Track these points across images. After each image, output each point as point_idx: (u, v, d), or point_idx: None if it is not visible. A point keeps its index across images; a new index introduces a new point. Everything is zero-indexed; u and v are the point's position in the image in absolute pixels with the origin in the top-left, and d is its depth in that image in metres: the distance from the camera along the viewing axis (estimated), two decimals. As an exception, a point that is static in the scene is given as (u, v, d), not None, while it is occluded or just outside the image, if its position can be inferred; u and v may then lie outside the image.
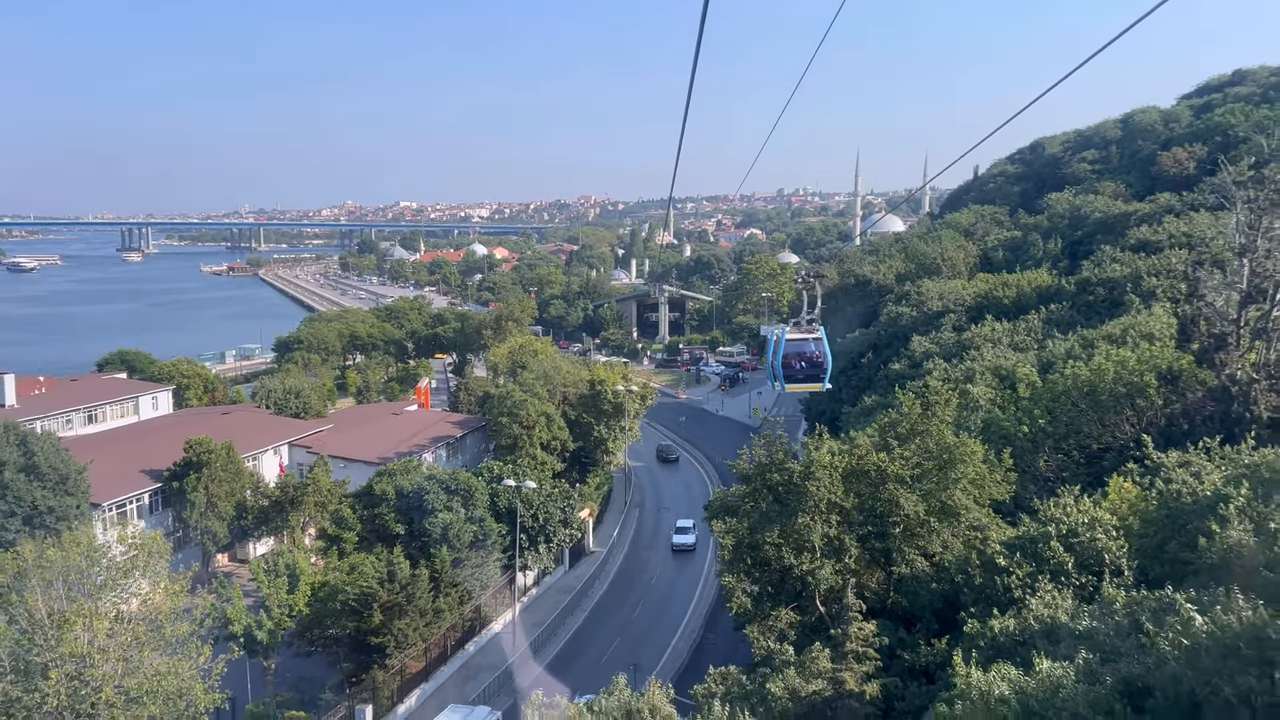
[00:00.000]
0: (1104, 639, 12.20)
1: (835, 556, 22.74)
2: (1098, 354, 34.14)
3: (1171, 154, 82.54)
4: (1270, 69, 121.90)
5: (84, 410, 77.36)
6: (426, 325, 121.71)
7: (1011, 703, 9.98)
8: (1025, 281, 56.71)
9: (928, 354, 47.59)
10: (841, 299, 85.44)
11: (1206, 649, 9.60)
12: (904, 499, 22.57)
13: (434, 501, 45.15)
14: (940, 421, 24.03)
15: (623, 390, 69.96)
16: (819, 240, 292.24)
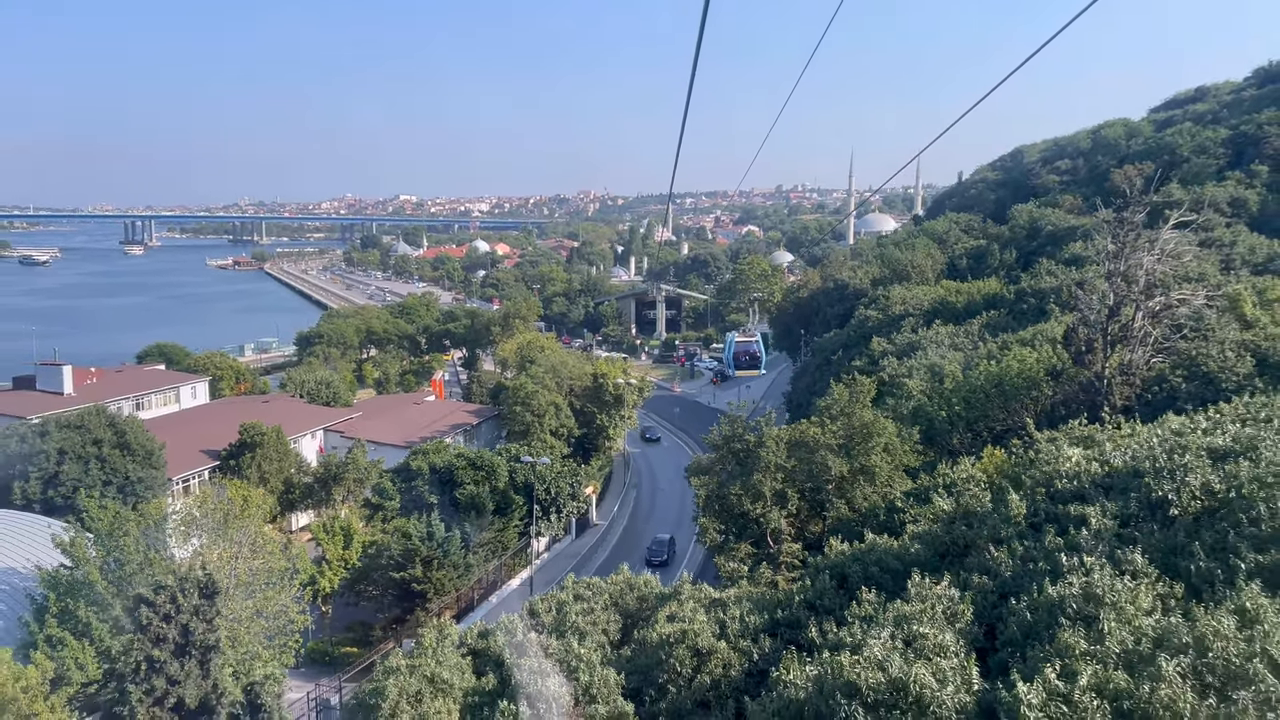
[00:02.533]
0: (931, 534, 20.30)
1: (781, 504, 30.84)
2: (1009, 355, 42.23)
3: (1123, 171, 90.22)
4: (1234, 84, 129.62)
5: (133, 398, 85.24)
6: (438, 321, 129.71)
7: (845, 553, 18.01)
8: (975, 290, 64.80)
9: (884, 353, 55.58)
10: (822, 301, 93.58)
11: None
12: (833, 462, 30.66)
13: (462, 476, 53.28)
14: (861, 405, 32.15)
15: (623, 383, 78.02)
16: (813, 239, 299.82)
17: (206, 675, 9.45)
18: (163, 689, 9.19)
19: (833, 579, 16.80)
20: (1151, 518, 14.25)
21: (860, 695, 10.66)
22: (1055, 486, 16.47)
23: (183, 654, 9.61)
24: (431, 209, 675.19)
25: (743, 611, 17.47)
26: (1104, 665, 10.06)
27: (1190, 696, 9.40)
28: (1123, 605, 11.26)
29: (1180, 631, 10.26)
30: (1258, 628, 10.19)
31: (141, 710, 9.00)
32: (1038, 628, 11.63)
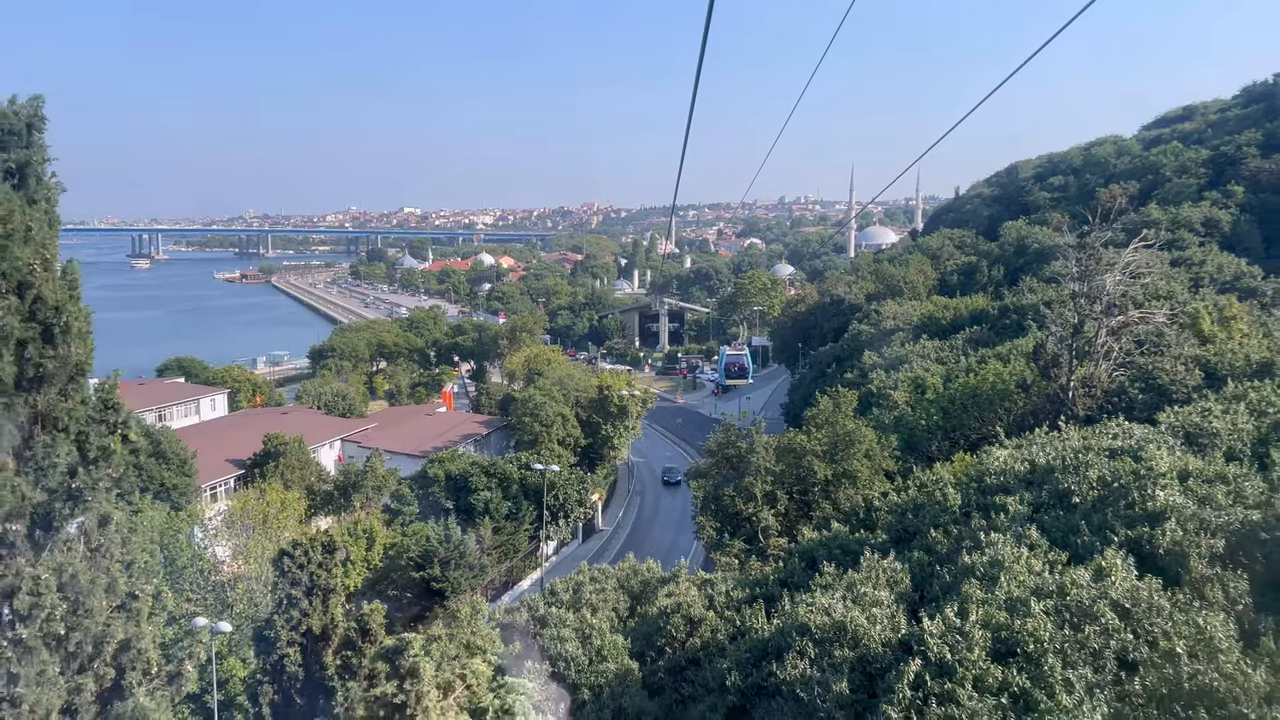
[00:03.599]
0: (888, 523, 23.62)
1: (771, 505, 34.18)
2: (985, 368, 45.59)
3: (1109, 190, 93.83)
4: (1222, 102, 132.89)
5: (155, 410, 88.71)
6: (447, 335, 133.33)
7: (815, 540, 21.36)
8: (962, 305, 68.19)
9: (874, 365, 58.96)
10: (819, 315, 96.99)
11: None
12: (818, 466, 34.02)
13: (476, 483, 56.66)
14: (844, 415, 35.52)
15: (627, 395, 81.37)
16: (814, 252, 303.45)
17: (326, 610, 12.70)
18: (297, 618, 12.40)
19: (802, 560, 20.15)
20: (1058, 504, 17.59)
21: (810, 633, 14.00)
22: (986, 481, 19.84)
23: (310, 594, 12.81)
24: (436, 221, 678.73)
25: (728, 588, 20.80)
26: (991, 607, 13.43)
27: (1050, 627, 12.76)
28: (1016, 568, 14.62)
29: (1049, 583, 13.63)
30: (1107, 579, 13.58)
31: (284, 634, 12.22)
32: (953, 586, 14.98)
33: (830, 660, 13.67)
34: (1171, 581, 14.27)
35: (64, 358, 6.60)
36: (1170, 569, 14.67)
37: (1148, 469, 16.73)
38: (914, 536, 19.55)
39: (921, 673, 12.57)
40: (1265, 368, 36.36)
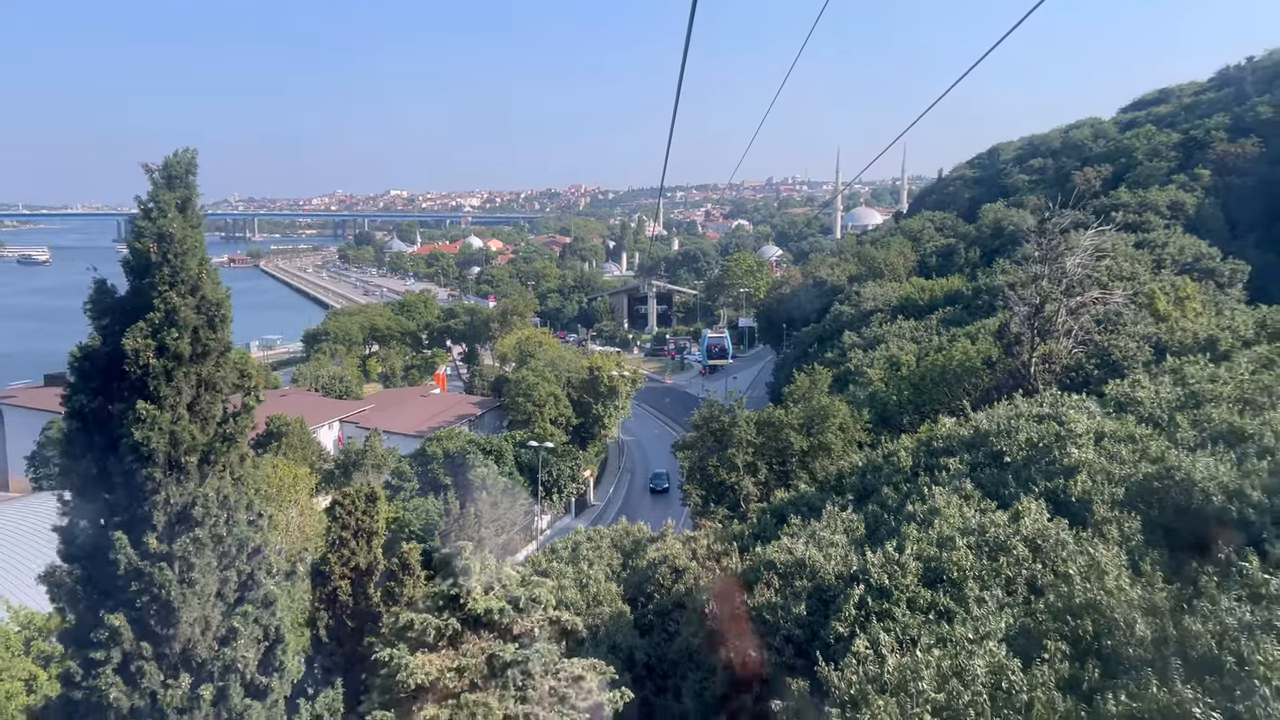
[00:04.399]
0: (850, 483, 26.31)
1: (753, 474, 36.91)
2: (955, 347, 48.33)
3: (1083, 173, 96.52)
4: (1197, 85, 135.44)
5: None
6: (439, 318, 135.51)
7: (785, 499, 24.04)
8: (938, 287, 70.92)
9: (853, 345, 61.68)
10: (803, 297, 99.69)
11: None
12: (795, 439, 36.73)
13: (474, 460, 59.22)
14: (819, 391, 38.21)
15: (616, 375, 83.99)
16: (801, 233, 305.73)
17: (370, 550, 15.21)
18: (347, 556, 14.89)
19: (774, 516, 22.85)
20: (992, 463, 20.30)
21: (776, 568, 16.67)
22: (933, 445, 22.54)
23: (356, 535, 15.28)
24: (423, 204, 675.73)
25: (709, 541, 23.50)
26: (924, 544, 16.13)
27: (970, 558, 15.47)
28: (949, 513, 17.32)
29: (973, 524, 16.34)
30: (1022, 520, 16.30)
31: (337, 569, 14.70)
32: (896, 529, 17.67)
33: (792, 589, 16.35)
34: (1078, 523, 17.00)
35: (220, 339, 9.02)
36: (1079, 513, 17.39)
37: (1068, 431, 19.45)
38: (872, 494, 22.25)
39: (864, 595, 15.28)
40: (1210, 344, 39.15)
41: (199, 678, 8.73)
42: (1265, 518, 15.76)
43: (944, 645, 13.22)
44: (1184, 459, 17.75)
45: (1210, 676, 10.66)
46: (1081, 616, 14.16)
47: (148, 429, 8.26)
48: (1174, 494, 17.22)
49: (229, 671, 8.90)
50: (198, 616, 8.70)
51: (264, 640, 9.39)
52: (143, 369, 8.35)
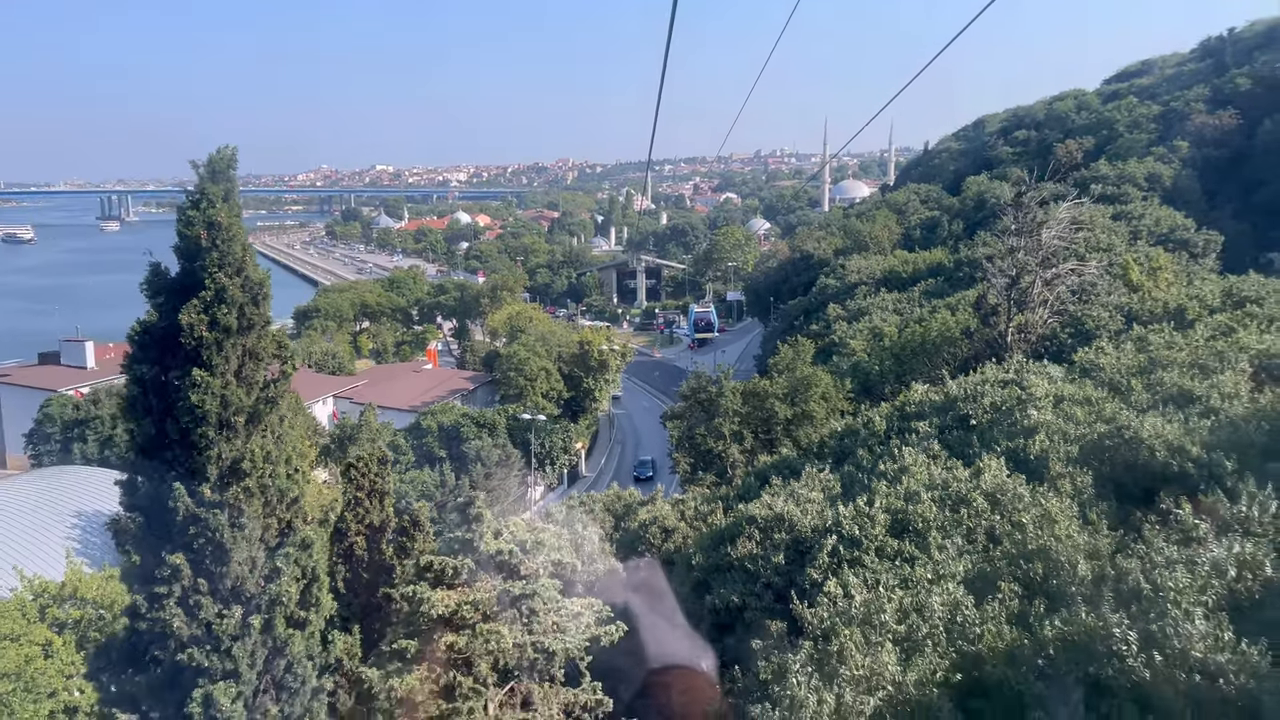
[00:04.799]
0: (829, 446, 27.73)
1: (739, 442, 38.35)
2: (935, 318, 49.73)
3: (1065, 145, 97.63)
4: (1180, 56, 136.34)
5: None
6: (429, 294, 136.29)
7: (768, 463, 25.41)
8: (922, 259, 72.28)
9: (837, 317, 63.07)
10: (790, 270, 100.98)
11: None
12: (779, 408, 38.15)
13: (468, 432, 60.58)
14: (803, 362, 39.60)
15: (606, 349, 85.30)
16: (789, 206, 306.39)
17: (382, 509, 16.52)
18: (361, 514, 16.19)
19: (757, 479, 24.27)
20: (960, 426, 21.71)
21: (756, 522, 18.07)
22: (906, 410, 23.95)
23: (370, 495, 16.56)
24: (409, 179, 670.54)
25: (696, 503, 24.93)
26: (892, 498, 17.54)
27: (934, 510, 16.88)
28: (916, 470, 18.73)
29: (937, 480, 17.75)
30: (983, 476, 17.72)
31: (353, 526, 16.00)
32: (867, 486, 19.09)
33: (771, 541, 17.76)
34: (1035, 478, 18.42)
35: (261, 313, 10.21)
36: (1036, 470, 18.82)
37: (1028, 395, 20.87)
38: (848, 456, 23.68)
39: (837, 545, 16.69)
40: (1178, 313, 40.65)
41: (248, 609, 10.04)
42: (1203, 471, 17.20)
43: (906, 586, 14.65)
44: (1134, 419, 19.18)
45: (1134, 605, 12.11)
46: (1033, 561, 15.60)
47: (202, 393, 9.48)
48: (1123, 451, 18.67)
49: (274, 604, 10.20)
50: (246, 557, 9.98)
51: (302, 579, 10.68)
52: (197, 340, 9.56)
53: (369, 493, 15.77)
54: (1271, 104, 79.83)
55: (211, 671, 9.81)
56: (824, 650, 13.18)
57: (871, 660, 12.18)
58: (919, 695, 11.93)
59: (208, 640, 9.81)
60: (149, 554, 9.93)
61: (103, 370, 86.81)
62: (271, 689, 10.45)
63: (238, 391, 9.69)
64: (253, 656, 9.99)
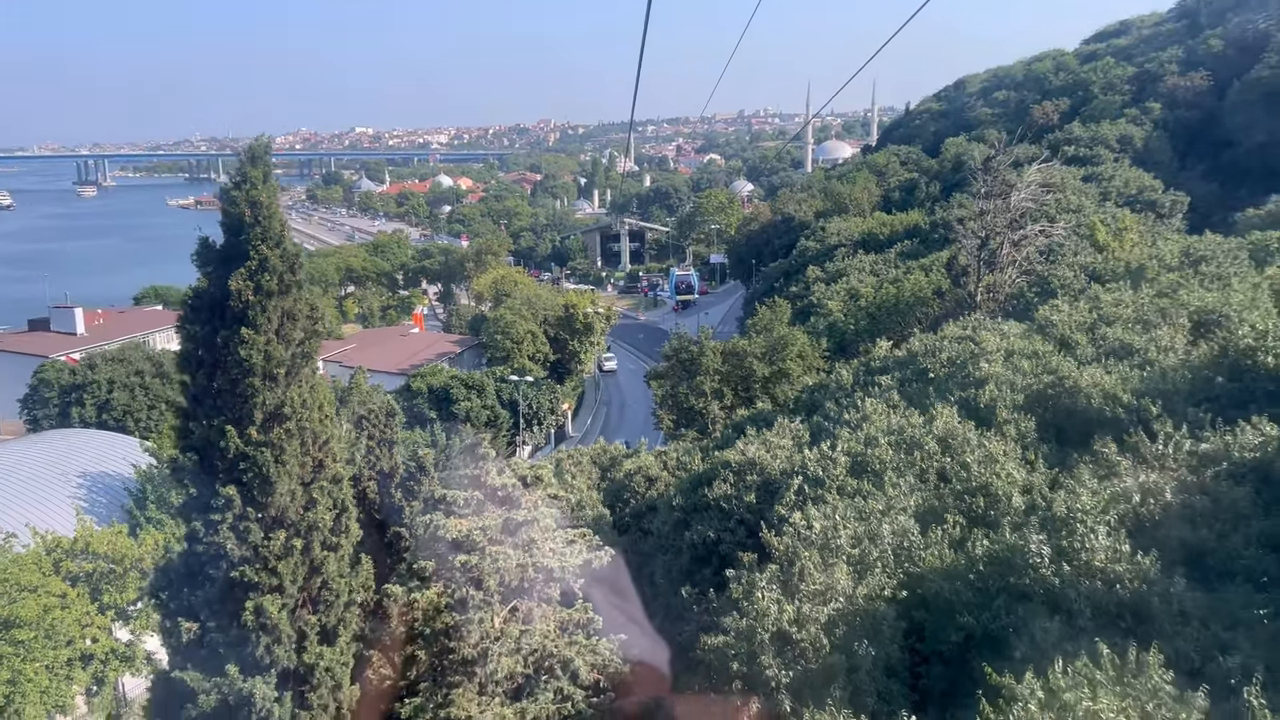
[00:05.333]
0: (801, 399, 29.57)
1: (719, 399, 40.21)
2: (909, 278, 51.55)
3: (1041, 107, 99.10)
4: (1158, 16, 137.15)
5: (139, 337, 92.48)
6: (414, 259, 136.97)
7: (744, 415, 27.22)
8: (898, 222, 73.93)
9: (816, 279, 64.78)
10: (771, 233, 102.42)
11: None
12: (757, 366, 39.97)
13: (457, 394, 62.20)
14: (780, 322, 41.37)
15: (591, 312, 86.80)
16: (772, 167, 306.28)
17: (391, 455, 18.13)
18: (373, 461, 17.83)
19: (734, 431, 26.08)
20: (919, 379, 23.55)
21: (731, 466, 19.88)
22: (871, 365, 25.78)
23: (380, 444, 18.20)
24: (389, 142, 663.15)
25: (678, 454, 26.75)
26: (853, 442, 19.37)
27: (890, 453, 18.72)
28: (876, 418, 20.56)
29: (894, 425, 19.59)
30: (935, 422, 19.56)
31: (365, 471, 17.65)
32: (831, 433, 20.93)
33: (744, 483, 19.60)
34: (984, 424, 20.30)
35: (297, 280, 11.68)
36: (985, 417, 20.68)
37: (980, 349, 22.70)
38: (817, 408, 25.52)
39: (802, 484, 18.53)
40: (1138, 272, 42.57)
41: (290, 534, 11.69)
42: (1132, 416, 19.10)
43: (862, 518, 16.52)
44: (1074, 371, 21.08)
45: (1052, 528, 14.02)
46: (975, 495, 17.49)
47: (249, 349, 11.02)
48: (1064, 399, 20.58)
49: (312, 530, 11.84)
50: (288, 489, 11.59)
51: (334, 509, 12.32)
52: (244, 304, 11.08)
53: (379, 441, 17.39)
54: (1242, 65, 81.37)
55: (260, 586, 11.49)
56: (787, 571, 15.05)
57: (827, 578, 14.04)
58: (867, 606, 13.81)
59: (256, 560, 11.45)
60: (204, 487, 11.55)
61: (92, 336, 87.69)
62: (310, 602, 12.18)
63: (278, 347, 11.23)
64: (294, 574, 11.66)
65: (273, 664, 11.59)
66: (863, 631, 13.39)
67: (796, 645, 13.18)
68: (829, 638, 13.21)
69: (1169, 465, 16.29)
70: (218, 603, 11.56)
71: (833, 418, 23.07)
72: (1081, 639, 11.88)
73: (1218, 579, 13.01)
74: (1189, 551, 13.31)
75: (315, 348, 12.03)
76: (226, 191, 11.52)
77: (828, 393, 25.57)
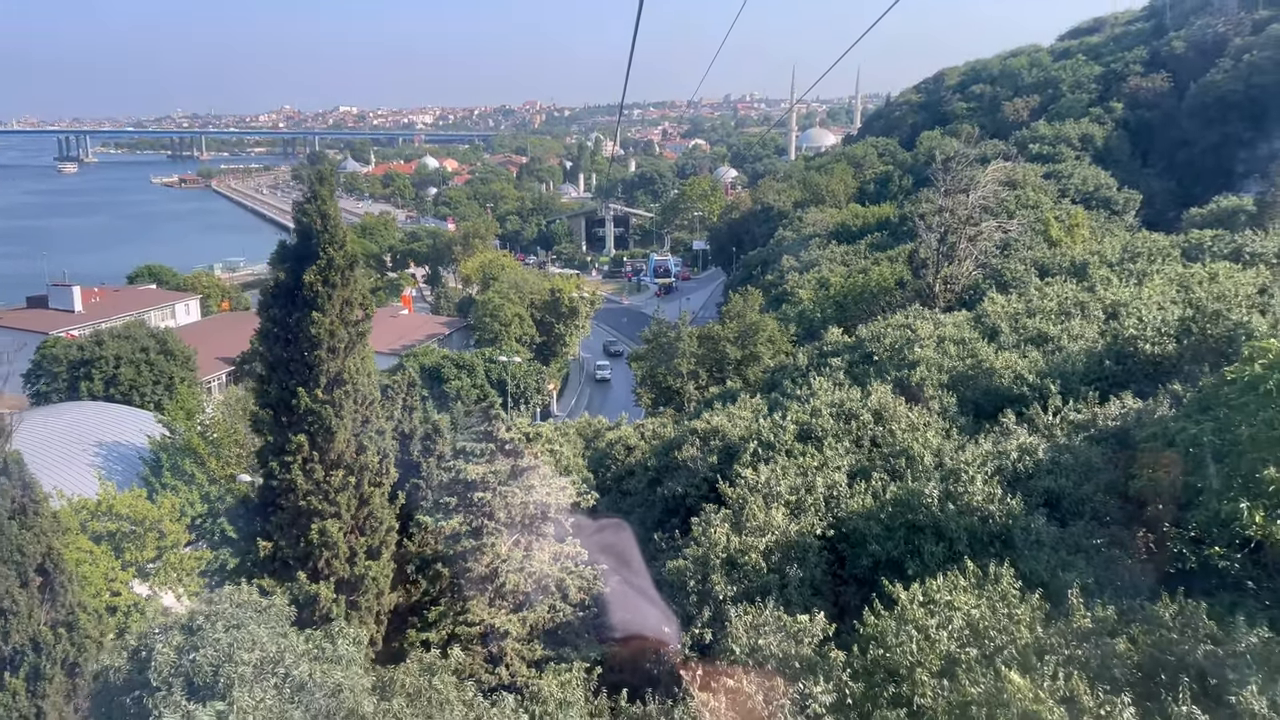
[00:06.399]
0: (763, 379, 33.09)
1: (695, 380, 43.69)
2: (874, 270, 55.08)
3: (1012, 104, 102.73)
4: (1133, 13, 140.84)
5: (134, 315, 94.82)
6: (402, 241, 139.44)
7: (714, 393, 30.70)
8: (871, 214, 77.48)
9: (790, 268, 68.26)
10: (751, 221, 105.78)
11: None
12: (730, 350, 43.43)
13: (448, 373, 65.40)
14: (751, 309, 44.83)
15: (576, 296, 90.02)
16: (756, 154, 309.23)
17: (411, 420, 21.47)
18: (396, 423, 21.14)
19: (705, 406, 29.56)
20: (865, 361, 27.10)
21: (697, 433, 23.36)
22: (824, 349, 29.33)
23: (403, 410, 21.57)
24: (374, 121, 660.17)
25: (655, 426, 30.20)
26: (801, 414, 22.88)
27: (830, 422, 22.26)
28: (822, 393, 24.08)
29: (837, 398, 23.11)
30: (870, 397, 23.10)
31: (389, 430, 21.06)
32: (785, 406, 24.43)
33: (708, 447, 23.08)
34: (913, 399, 23.85)
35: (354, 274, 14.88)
36: (915, 394, 24.24)
37: (915, 336, 26.26)
38: (777, 386, 29.05)
39: (757, 448, 22.02)
40: (1082, 267, 46.27)
41: (345, 472, 15.00)
42: (1035, 392, 22.69)
43: (802, 472, 20.04)
44: (991, 355, 24.67)
45: (944, 477, 17.58)
46: (898, 457, 21.04)
47: (318, 328, 14.26)
48: (981, 379, 24.17)
49: (362, 470, 15.12)
50: (344, 437, 14.88)
51: (378, 454, 15.65)
52: (314, 293, 14.33)
53: (402, 407, 20.69)
54: (1201, 68, 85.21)
55: (322, 513, 14.75)
56: (737, 513, 18.57)
57: (767, 517, 17.56)
58: (798, 538, 17.34)
59: (319, 493, 14.72)
60: (278, 435, 14.79)
61: (90, 314, 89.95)
62: (358, 528, 15.47)
63: (340, 327, 14.44)
64: (349, 504, 14.93)
65: (331, 574, 14.93)
66: (794, 558, 16.92)
67: (741, 568, 16.70)
68: (766, 562, 16.73)
69: (1055, 432, 19.91)
70: (289, 526, 14.89)
71: (788, 393, 26.59)
72: (959, 560, 15.44)
73: (1070, 517, 16.60)
74: (1050, 496, 16.89)
75: (367, 328, 15.32)
76: (300, 204, 14.73)
77: (786, 373, 29.08)
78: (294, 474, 14.59)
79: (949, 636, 12.73)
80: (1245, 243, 39.42)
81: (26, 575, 13.51)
